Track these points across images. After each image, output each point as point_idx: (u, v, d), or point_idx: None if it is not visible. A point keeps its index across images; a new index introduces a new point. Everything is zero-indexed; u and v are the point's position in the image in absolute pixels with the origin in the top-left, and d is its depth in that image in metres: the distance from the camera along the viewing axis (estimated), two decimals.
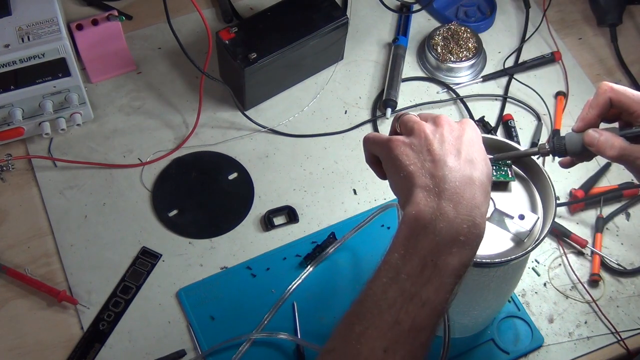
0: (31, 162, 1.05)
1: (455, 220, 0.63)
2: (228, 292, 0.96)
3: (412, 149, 0.67)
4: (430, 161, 0.66)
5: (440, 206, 0.63)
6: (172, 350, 0.91)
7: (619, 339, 0.94)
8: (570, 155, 0.76)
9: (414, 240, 0.63)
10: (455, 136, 0.68)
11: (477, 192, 0.65)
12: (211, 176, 1.05)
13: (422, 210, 0.63)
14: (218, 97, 1.12)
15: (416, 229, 0.63)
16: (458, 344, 0.92)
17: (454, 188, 0.64)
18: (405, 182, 0.66)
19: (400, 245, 0.64)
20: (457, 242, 0.63)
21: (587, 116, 0.74)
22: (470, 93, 1.15)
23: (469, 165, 0.66)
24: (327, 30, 1.09)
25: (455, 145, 0.67)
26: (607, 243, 1.02)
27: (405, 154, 0.67)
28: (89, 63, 1.11)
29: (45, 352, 0.91)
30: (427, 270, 0.62)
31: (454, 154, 0.66)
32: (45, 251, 0.98)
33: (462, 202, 0.64)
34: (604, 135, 0.72)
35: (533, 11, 1.24)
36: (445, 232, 0.63)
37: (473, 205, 0.64)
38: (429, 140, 0.67)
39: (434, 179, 0.65)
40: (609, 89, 0.73)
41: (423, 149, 0.67)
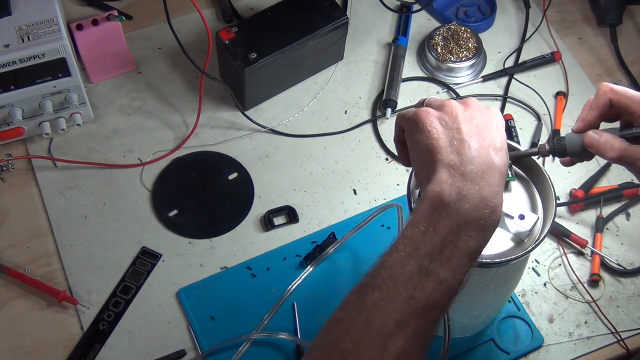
0: (31, 162, 1.05)
1: (479, 204, 0.63)
2: (228, 292, 0.96)
3: (441, 123, 0.67)
4: (458, 139, 0.66)
5: (466, 187, 0.63)
6: (172, 350, 0.91)
7: (619, 339, 0.94)
8: (570, 156, 0.76)
9: (436, 219, 0.63)
10: (484, 120, 0.68)
11: (498, 178, 0.65)
12: (211, 176, 1.05)
13: (447, 189, 0.63)
14: (218, 97, 1.12)
15: (439, 207, 0.63)
16: (458, 344, 0.92)
17: (479, 171, 0.64)
18: (429, 155, 0.66)
19: (422, 222, 0.63)
20: (478, 225, 0.63)
21: (587, 117, 0.74)
22: (470, 93, 1.15)
23: (495, 152, 0.66)
24: (327, 30, 1.09)
25: (483, 129, 0.67)
26: (607, 243, 1.02)
27: (434, 126, 0.67)
28: (89, 63, 1.11)
29: (45, 352, 0.91)
30: (447, 250, 0.62)
31: (481, 136, 0.66)
32: (45, 251, 0.98)
33: (486, 187, 0.64)
34: (603, 136, 0.72)
35: (533, 11, 1.24)
36: (469, 214, 0.63)
37: (496, 191, 0.64)
38: (459, 118, 0.67)
39: (461, 158, 0.65)
40: (609, 90, 0.73)
41: (453, 126, 0.66)
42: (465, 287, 0.79)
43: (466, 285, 0.79)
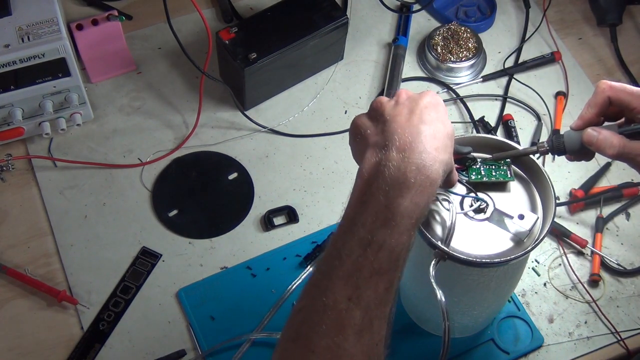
0: (31, 162, 1.05)
1: (401, 165, 0.65)
2: (228, 292, 0.96)
3: (368, 117, 0.71)
4: (382, 122, 0.69)
5: (388, 156, 0.66)
6: (172, 350, 0.91)
7: (619, 339, 0.94)
8: (569, 154, 0.76)
9: (366, 190, 0.65)
10: (411, 100, 0.70)
11: (428, 145, 0.66)
12: (211, 176, 1.05)
13: (371, 164, 0.66)
14: (218, 97, 1.12)
15: (367, 179, 0.66)
16: (458, 344, 0.92)
17: (402, 139, 0.66)
18: (360, 145, 0.70)
19: (355, 200, 0.66)
20: (406, 184, 0.64)
21: (586, 115, 0.74)
22: (470, 93, 1.15)
23: (421, 123, 0.68)
24: (327, 30, 1.09)
25: (409, 107, 0.69)
26: (607, 243, 1.02)
27: (362, 122, 0.71)
28: (89, 63, 1.11)
29: (45, 352, 0.91)
30: (381, 215, 0.64)
31: (405, 113, 0.68)
32: (45, 251, 0.98)
33: (411, 149, 0.66)
34: (602, 133, 0.72)
35: (533, 11, 1.24)
36: (394, 176, 0.64)
37: (422, 150, 0.66)
38: (383, 106, 0.70)
39: (384, 135, 0.67)
40: (607, 88, 0.73)
41: (378, 115, 0.70)
42: (465, 287, 0.79)
43: (466, 286, 0.79)
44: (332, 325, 0.61)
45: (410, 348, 0.92)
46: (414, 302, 0.92)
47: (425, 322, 0.93)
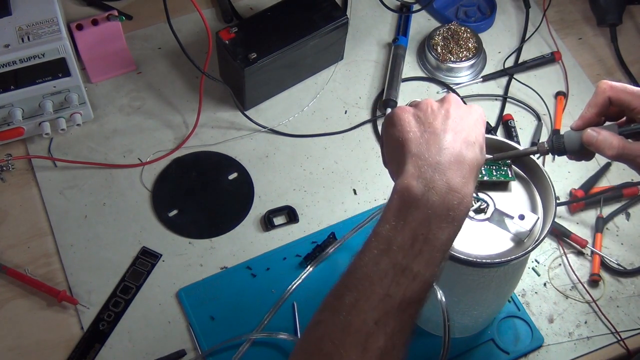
0: (31, 162, 1.05)
1: (447, 196, 0.63)
2: (228, 292, 0.96)
3: (415, 118, 0.68)
4: (430, 132, 0.67)
5: (434, 179, 0.64)
6: (172, 350, 0.91)
7: (619, 339, 0.94)
8: (569, 154, 0.75)
9: (405, 212, 0.63)
10: (460, 115, 0.68)
11: (469, 172, 0.65)
12: (211, 176, 1.05)
13: (415, 182, 0.64)
14: (218, 97, 1.12)
15: (408, 200, 0.64)
16: (458, 344, 0.92)
17: (447, 163, 0.65)
18: (400, 149, 0.67)
19: (392, 217, 0.64)
20: (447, 217, 0.63)
21: (586, 115, 0.74)
22: (470, 93, 1.15)
23: (466, 146, 0.66)
24: (327, 30, 1.09)
25: (458, 124, 0.67)
26: (607, 243, 1.02)
27: (408, 121, 0.68)
28: (89, 63, 1.11)
29: (45, 352, 0.91)
30: (418, 244, 0.62)
31: (454, 131, 0.67)
32: (45, 251, 0.98)
33: (455, 178, 0.64)
34: (602, 134, 0.72)
35: (533, 11, 1.24)
36: (437, 206, 0.63)
37: (464, 182, 0.64)
38: (434, 114, 0.68)
39: (429, 151, 0.65)
40: (607, 88, 0.73)
41: (426, 120, 0.68)
42: (465, 287, 0.79)
43: (466, 286, 0.79)
44: (356, 347, 0.60)
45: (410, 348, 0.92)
46: None
47: (425, 322, 0.93)
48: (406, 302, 0.62)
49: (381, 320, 0.61)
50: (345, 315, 0.61)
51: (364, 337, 0.60)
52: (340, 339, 0.61)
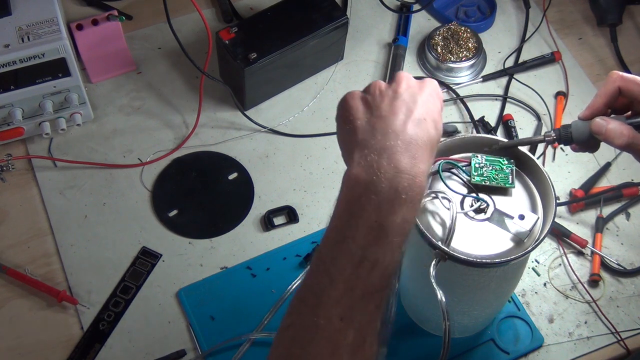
0: (31, 162, 1.05)
1: (395, 179, 0.62)
2: (228, 292, 0.96)
3: (364, 104, 0.67)
4: (377, 117, 0.65)
5: (380, 165, 0.62)
6: (172, 350, 0.91)
7: (619, 339, 0.94)
8: (576, 144, 0.75)
9: (357, 203, 0.62)
10: (410, 93, 0.67)
11: (420, 151, 0.64)
12: (211, 176, 1.05)
13: (361, 171, 0.63)
14: (218, 97, 1.12)
15: (356, 190, 0.62)
16: (458, 344, 0.92)
17: (394, 147, 0.63)
18: (349, 137, 0.66)
19: (343, 209, 0.63)
20: (399, 200, 0.62)
21: (595, 104, 0.73)
22: (470, 93, 1.15)
23: (415, 124, 0.65)
24: (327, 30, 1.09)
25: (408, 103, 0.66)
26: (607, 243, 1.02)
27: (356, 107, 0.67)
28: (89, 63, 1.11)
29: (45, 352, 0.91)
30: (373, 232, 0.61)
31: (403, 112, 0.65)
32: (45, 251, 0.98)
33: (402, 160, 0.63)
34: (611, 123, 0.71)
35: (533, 11, 1.24)
36: (387, 191, 0.62)
37: (413, 163, 0.63)
38: (381, 95, 0.67)
39: (375, 137, 0.64)
40: (618, 78, 0.72)
41: (373, 104, 0.66)
42: (465, 287, 0.79)
43: (466, 286, 0.79)
44: (326, 346, 0.59)
45: (410, 348, 0.92)
46: (414, 302, 0.92)
47: (425, 322, 0.93)
48: (369, 293, 0.61)
49: (347, 316, 0.60)
50: (310, 316, 0.60)
51: (331, 335, 0.59)
52: (308, 341, 0.60)
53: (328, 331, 0.59)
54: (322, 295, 0.61)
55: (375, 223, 0.61)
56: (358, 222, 0.62)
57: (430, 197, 0.77)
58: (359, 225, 0.61)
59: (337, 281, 0.60)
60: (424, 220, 0.76)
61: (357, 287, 0.60)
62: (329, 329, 0.59)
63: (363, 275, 0.60)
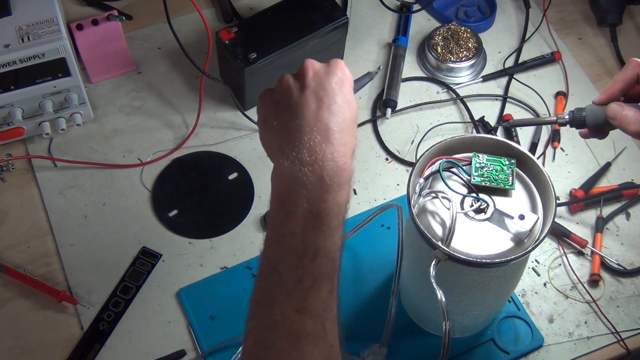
0: (31, 162, 1.05)
1: (318, 170, 0.63)
2: (228, 292, 0.96)
3: (275, 103, 0.68)
4: (289, 114, 0.66)
5: (301, 160, 0.63)
6: (172, 350, 0.91)
7: (619, 339, 0.94)
8: (589, 128, 0.74)
9: (288, 199, 0.63)
10: (317, 81, 0.67)
11: (338, 135, 0.65)
12: (211, 176, 1.05)
13: (286, 169, 0.64)
14: (218, 97, 1.12)
15: (285, 187, 0.64)
16: (458, 344, 0.92)
17: (311, 139, 0.64)
18: (269, 137, 0.68)
19: (277, 208, 0.64)
20: (326, 187, 0.63)
21: (611, 89, 0.73)
22: (470, 93, 1.15)
23: (327, 109, 0.66)
24: (327, 30, 1.09)
25: (316, 92, 0.67)
26: (607, 243, 1.02)
27: (269, 108, 0.68)
28: (89, 63, 1.11)
29: (45, 352, 0.91)
30: (309, 223, 0.62)
31: (312, 101, 0.66)
32: (45, 251, 0.98)
33: (323, 150, 0.64)
34: (627, 109, 0.71)
35: (533, 11, 1.24)
36: (314, 182, 0.63)
37: (334, 150, 0.64)
38: (290, 91, 0.67)
39: (292, 132, 0.65)
40: (637, 65, 0.72)
41: (284, 101, 0.67)
42: (465, 287, 0.80)
43: (466, 286, 0.79)
44: (287, 341, 0.60)
45: (410, 348, 0.92)
46: (414, 302, 0.92)
47: (425, 322, 0.93)
48: (319, 281, 0.62)
49: (301, 307, 0.61)
50: (267, 315, 0.62)
51: (290, 329, 0.60)
52: (270, 340, 0.61)
53: (286, 326, 0.61)
54: (275, 293, 0.62)
55: (310, 214, 0.63)
56: (294, 216, 0.63)
57: (430, 197, 0.77)
58: (294, 220, 0.63)
59: (285, 277, 0.62)
60: (424, 220, 0.76)
61: (306, 278, 0.62)
62: (287, 323, 0.61)
63: (308, 266, 0.62)
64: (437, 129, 1.10)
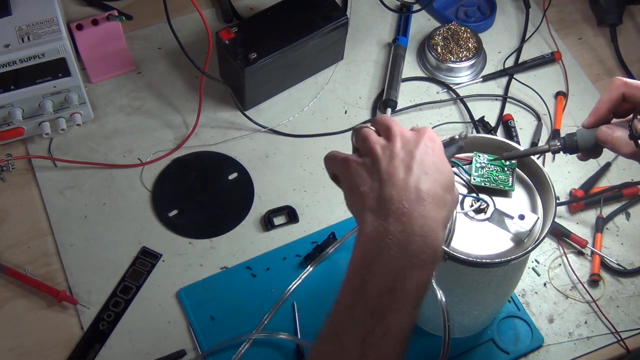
0: (31, 162, 1.05)
1: (406, 245, 0.61)
2: (228, 292, 0.96)
3: (364, 169, 0.65)
4: (378, 181, 0.64)
5: (388, 231, 0.61)
6: (172, 350, 0.91)
7: (619, 339, 0.94)
8: (581, 152, 0.75)
9: (367, 270, 0.61)
10: (407, 150, 0.65)
11: (428, 207, 0.62)
12: (211, 176, 1.05)
13: (371, 238, 0.62)
14: (218, 97, 1.12)
15: (367, 258, 0.62)
16: (458, 344, 0.92)
17: (400, 209, 0.62)
18: (357, 204, 0.65)
19: (354, 276, 0.62)
20: (409, 265, 0.61)
21: (598, 111, 0.73)
22: (470, 93, 1.15)
23: (419, 180, 0.63)
24: (327, 30, 1.09)
25: (405, 161, 0.64)
26: (607, 243, 1.02)
27: (358, 175, 0.65)
28: (89, 63, 1.11)
29: (45, 352, 0.91)
30: (384, 300, 0.60)
31: (402, 170, 0.64)
32: (45, 251, 0.98)
33: (411, 222, 0.61)
34: (617, 132, 0.71)
35: (533, 11, 1.24)
36: (398, 257, 0.61)
37: (423, 223, 0.61)
38: (378, 158, 0.65)
39: (381, 201, 0.63)
40: (622, 84, 0.72)
41: (374, 168, 0.65)
42: (465, 287, 0.80)
43: (466, 286, 0.79)
44: None
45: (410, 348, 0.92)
46: None
47: (425, 322, 0.93)
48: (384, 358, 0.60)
49: None
50: None
51: None
52: None
53: None
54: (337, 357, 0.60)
55: (388, 291, 0.60)
56: (369, 289, 0.61)
57: None
58: (370, 293, 0.61)
59: (349, 349, 0.60)
60: None
61: (371, 355, 0.59)
62: None
63: (376, 343, 0.60)
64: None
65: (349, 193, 0.66)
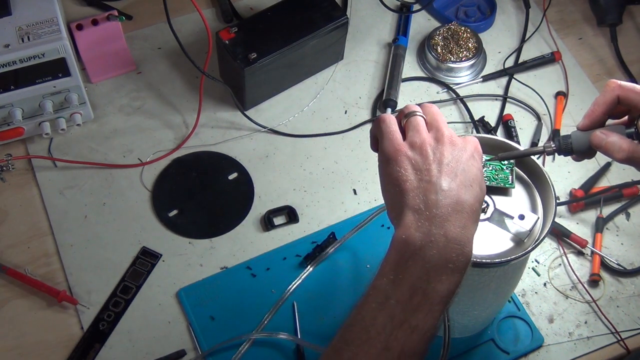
0: (31, 162, 1.05)
1: (445, 248, 0.62)
2: (228, 292, 0.96)
3: (413, 166, 0.66)
4: (426, 182, 0.65)
5: (431, 232, 0.63)
6: (172, 350, 0.91)
7: (619, 339, 0.94)
8: (576, 154, 0.75)
9: (404, 266, 0.62)
10: (456, 156, 0.67)
11: (467, 218, 0.64)
12: (211, 176, 1.05)
13: (412, 236, 0.63)
14: (218, 97, 1.12)
15: (406, 254, 0.63)
16: (458, 344, 0.92)
17: (445, 214, 0.63)
18: (398, 198, 0.66)
19: (390, 270, 0.63)
20: (446, 269, 0.62)
21: (593, 114, 0.73)
22: (470, 93, 1.15)
23: (463, 190, 0.65)
24: (327, 30, 1.09)
25: (454, 167, 0.66)
26: (607, 243, 1.02)
27: (405, 169, 0.66)
28: (89, 63, 1.11)
29: (45, 352, 0.91)
30: (417, 297, 0.62)
31: (450, 176, 0.65)
32: (45, 251, 0.98)
33: (453, 230, 0.63)
34: (611, 137, 0.71)
35: (533, 11, 1.24)
36: (436, 259, 0.62)
37: (462, 233, 0.63)
38: (429, 158, 0.66)
39: (427, 202, 0.64)
40: (616, 87, 0.72)
41: (423, 167, 0.66)
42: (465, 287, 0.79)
43: (466, 285, 0.79)
44: None
45: None
46: None
47: None
48: (405, 356, 0.61)
49: None
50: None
51: None
52: None
53: None
54: (358, 351, 0.61)
55: (420, 289, 0.62)
56: (403, 286, 0.62)
57: None
58: (403, 289, 0.62)
59: (375, 340, 0.61)
60: None
61: (395, 349, 0.61)
62: None
63: (401, 338, 0.61)
64: None
65: (389, 183, 0.67)
